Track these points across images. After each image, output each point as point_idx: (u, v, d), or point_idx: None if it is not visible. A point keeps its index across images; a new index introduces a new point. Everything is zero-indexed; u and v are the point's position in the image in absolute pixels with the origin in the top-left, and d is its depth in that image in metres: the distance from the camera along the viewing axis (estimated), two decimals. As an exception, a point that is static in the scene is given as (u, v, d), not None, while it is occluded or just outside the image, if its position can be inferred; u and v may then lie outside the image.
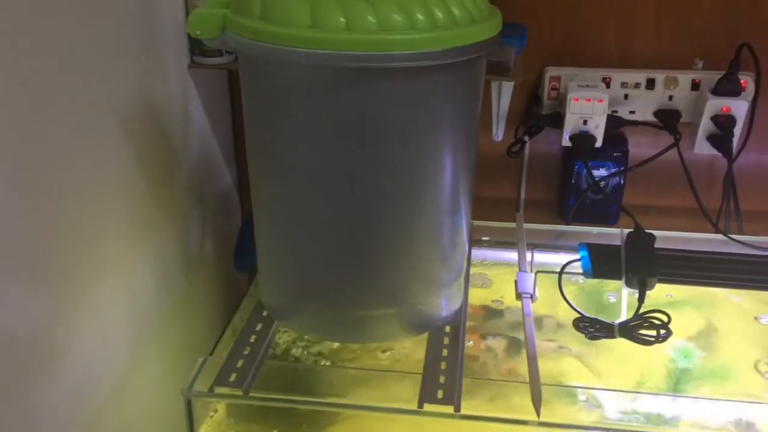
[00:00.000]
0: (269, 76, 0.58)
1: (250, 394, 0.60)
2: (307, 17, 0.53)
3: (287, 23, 0.54)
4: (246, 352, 0.64)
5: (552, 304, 0.80)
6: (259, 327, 0.67)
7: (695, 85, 0.90)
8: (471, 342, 0.79)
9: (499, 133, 0.96)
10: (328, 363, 0.74)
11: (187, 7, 0.82)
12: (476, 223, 0.92)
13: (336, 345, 0.76)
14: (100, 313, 0.66)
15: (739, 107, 0.87)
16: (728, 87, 0.87)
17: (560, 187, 1.00)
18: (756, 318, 0.82)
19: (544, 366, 0.70)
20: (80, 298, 0.63)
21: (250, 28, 0.56)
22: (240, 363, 0.63)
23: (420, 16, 0.54)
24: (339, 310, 0.65)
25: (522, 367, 0.71)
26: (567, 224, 0.97)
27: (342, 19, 0.53)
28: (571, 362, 0.77)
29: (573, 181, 0.96)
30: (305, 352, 0.76)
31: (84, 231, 0.63)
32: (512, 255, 0.87)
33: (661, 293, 0.77)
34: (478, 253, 0.91)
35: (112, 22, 0.66)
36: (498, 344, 0.79)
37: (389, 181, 0.60)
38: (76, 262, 0.62)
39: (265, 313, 0.70)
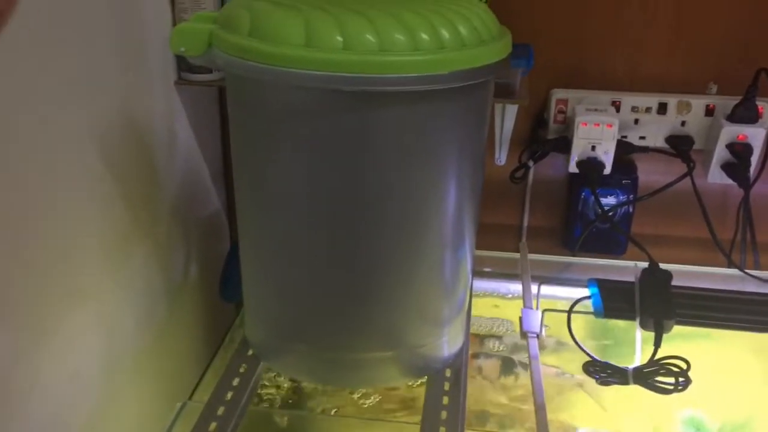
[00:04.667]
0: (258, 97, 0.53)
1: (232, 446, 0.55)
2: (301, 35, 0.48)
3: (279, 41, 0.49)
4: (228, 398, 0.59)
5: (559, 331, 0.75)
6: (243, 369, 0.62)
7: (709, 111, 0.85)
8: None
9: (502, 156, 0.92)
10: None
11: (174, 21, 0.77)
12: (477, 252, 0.87)
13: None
14: (70, 348, 0.61)
15: (756, 135, 0.83)
16: (745, 113, 0.83)
17: (566, 215, 0.95)
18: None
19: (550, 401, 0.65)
20: (47, 331, 0.57)
21: (238, 45, 0.51)
22: (221, 410, 0.57)
23: (424, 36, 0.49)
24: (331, 352, 0.60)
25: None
26: (573, 254, 0.92)
27: (339, 38, 0.48)
28: (580, 398, 0.72)
29: (580, 209, 0.91)
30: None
31: (53, 258, 0.57)
32: (516, 286, 0.82)
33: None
34: (479, 285, 0.86)
35: (93, 38, 0.61)
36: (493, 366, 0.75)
37: (388, 212, 0.55)
38: (43, 291, 0.56)
39: (250, 353, 0.64)
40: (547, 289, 0.81)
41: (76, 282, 0.61)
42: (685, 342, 0.75)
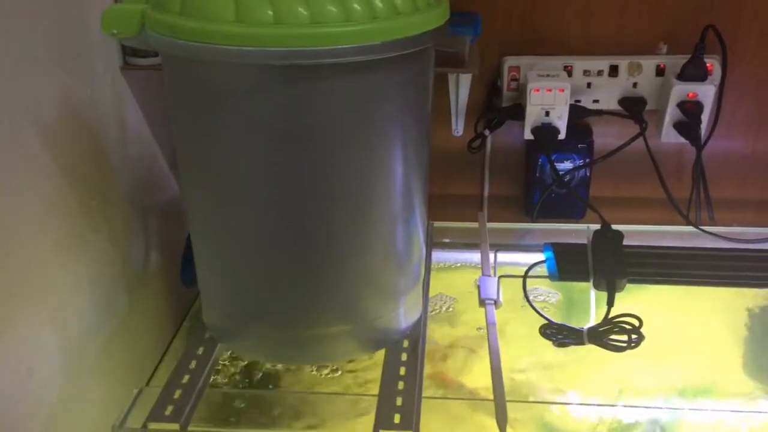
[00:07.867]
0: (193, 77, 0.53)
1: (189, 429, 0.55)
2: (231, 11, 0.48)
3: (209, 18, 0.48)
4: (185, 381, 0.58)
5: (517, 305, 0.76)
6: (200, 351, 0.62)
7: (660, 71, 0.86)
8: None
9: (458, 127, 0.92)
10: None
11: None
12: (437, 223, 0.88)
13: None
14: (24, 342, 0.60)
15: (705, 92, 0.83)
16: (694, 71, 0.83)
17: (525, 182, 0.95)
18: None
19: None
20: (-1, 329, 0.56)
21: (169, 24, 0.50)
22: (178, 393, 0.57)
23: (356, 6, 0.48)
24: (287, 330, 0.60)
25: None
26: (533, 221, 0.92)
27: (269, 12, 0.47)
28: (539, 372, 0.73)
29: (537, 176, 0.91)
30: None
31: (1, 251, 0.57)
32: (476, 256, 0.82)
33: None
34: (439, 256, 0.87)
35: (26, 23, 0.60)
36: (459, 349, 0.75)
37: (333, 186, 0.55)
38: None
39: (207, 335, 0.64)
40: (507, 257, 0.82)
41: (26, 278, 0.60)
42: (641, 300, 0.76)
